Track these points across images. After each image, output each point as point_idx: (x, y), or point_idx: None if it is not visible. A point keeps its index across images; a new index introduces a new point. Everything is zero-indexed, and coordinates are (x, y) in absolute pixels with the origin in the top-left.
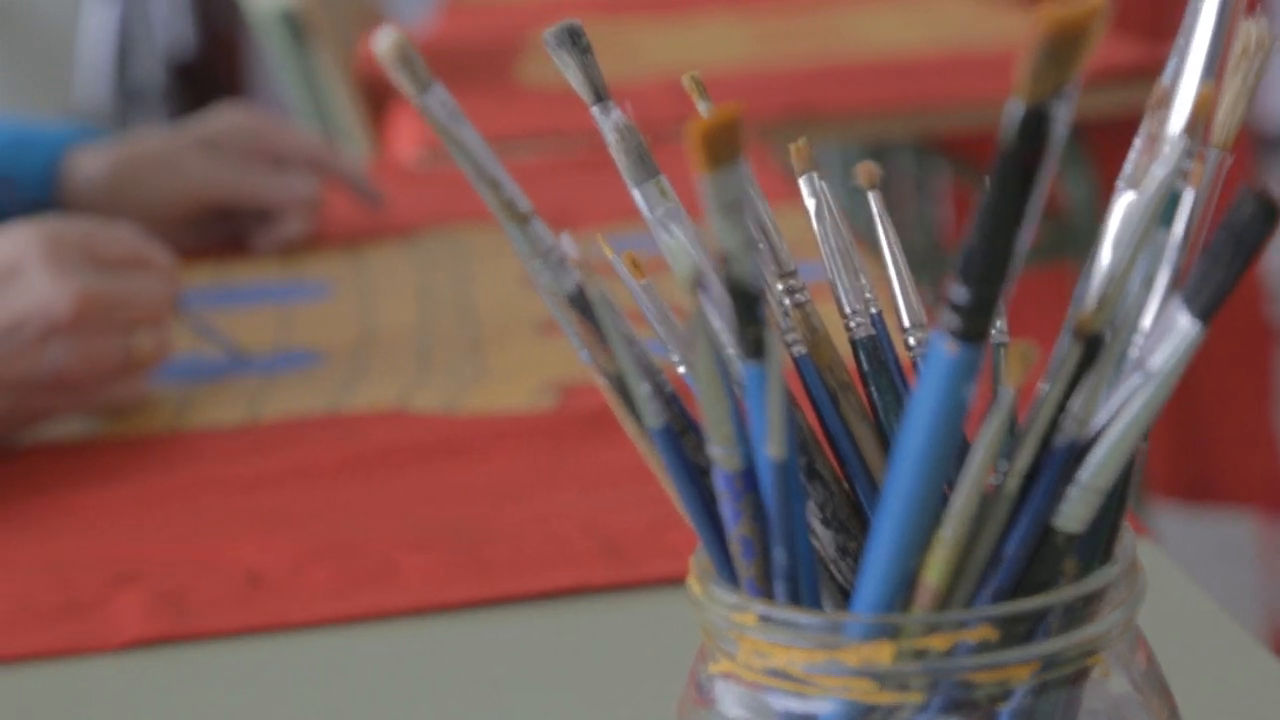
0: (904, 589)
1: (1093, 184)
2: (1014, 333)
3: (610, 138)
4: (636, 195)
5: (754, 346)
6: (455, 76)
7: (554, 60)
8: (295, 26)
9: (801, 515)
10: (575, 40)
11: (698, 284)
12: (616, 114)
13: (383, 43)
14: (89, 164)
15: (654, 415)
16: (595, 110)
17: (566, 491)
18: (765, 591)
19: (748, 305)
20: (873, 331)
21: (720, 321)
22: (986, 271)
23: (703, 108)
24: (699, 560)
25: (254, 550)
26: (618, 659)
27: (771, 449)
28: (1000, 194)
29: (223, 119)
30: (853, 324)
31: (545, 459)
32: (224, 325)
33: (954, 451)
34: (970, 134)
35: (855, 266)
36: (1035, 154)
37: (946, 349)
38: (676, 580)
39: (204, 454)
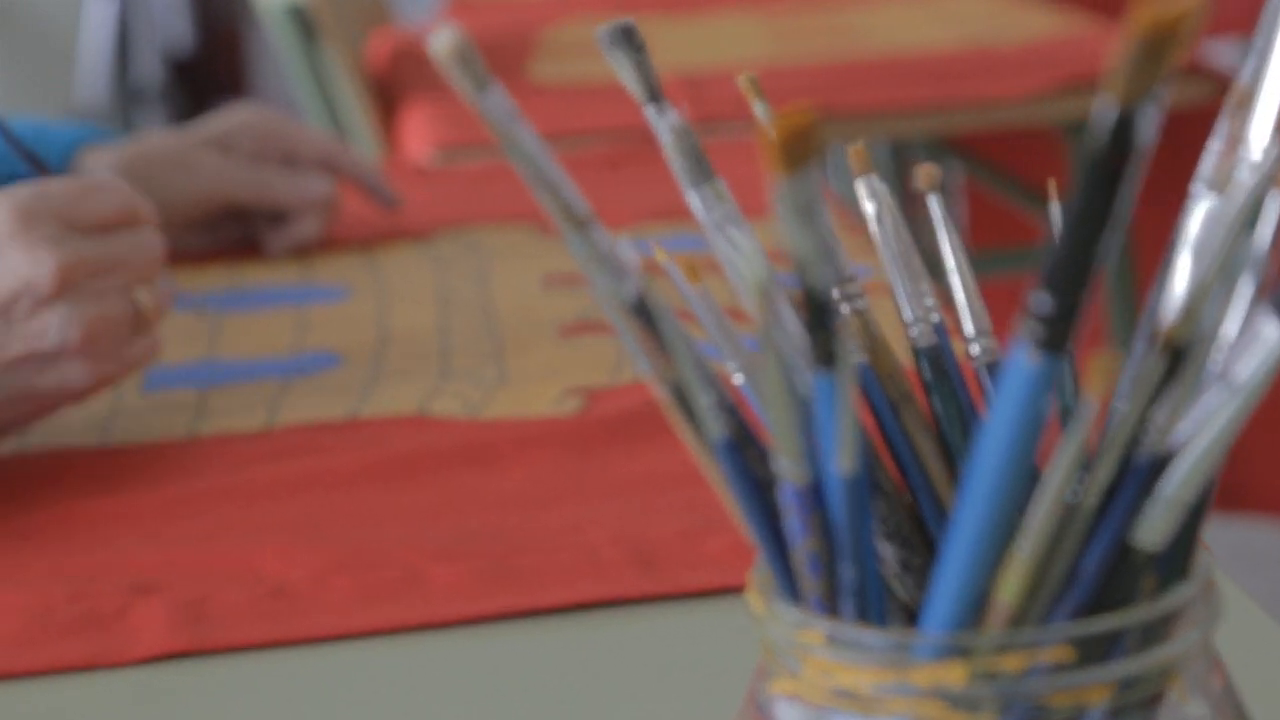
0: (976, 607)
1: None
2: None
3: (665, 139)
4: (693, 198)
5: (826, 356)
6: None
7: (607, 59)
8: (304, 23)
9: (870, 530)
10: (629, 39)
11: (770, 292)
12: (672, 114)
13: (441, 41)
14: (98, 163)
15: (717, 427)
16: (650, 110)
17: (595, 499)
18: (831, 609)
19: (820, 313)
20: (935, 340)
21: (784, 329)
22: (1071, 278)
23: (759, 109)
24: (760, 575)
25: (276, 560)
26: (652, 673)
27: (842, 462)
28: (1088, 198)
29: (234, 118)
30: (914, 332)
31: (572, 466)
32: (240, 328)
33: (1031, 466)
34: (987, 132)
35: (917, 273)
36: (1124, 157)
37: (1027, 359)
38: (711, 592)
39: (222, 460)
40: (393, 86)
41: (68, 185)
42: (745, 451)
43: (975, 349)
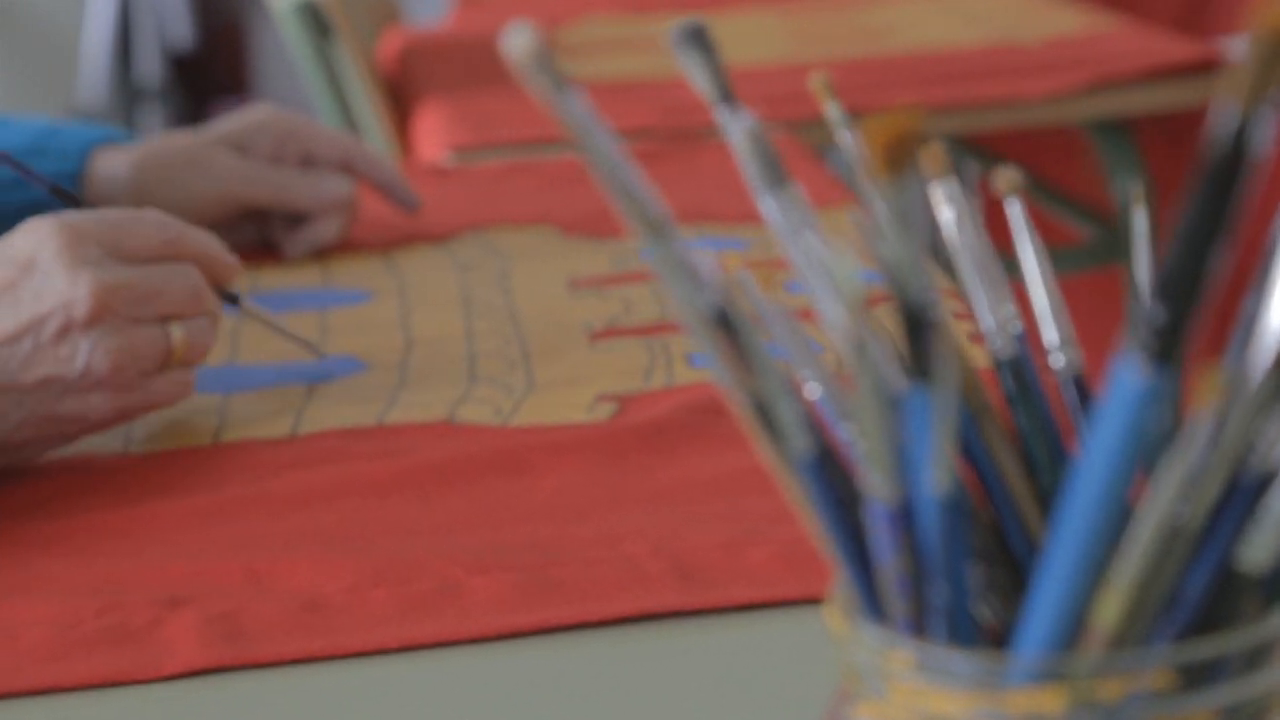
0: (1073, 630)
1: (1144, 186)
2: None
3: (738, 141)
4: (768, 203)
5: (923, 368)
6: (483, 75)
7: (676, 59)
8: (316, 21)
9: (964, 550)
10: (699, 39)
11: (865, 303)
12: (746, 116)
13: (517, 41)
14: (113, 163)
15: (802, 443)
16: (721, 112)
17: (633, 509)
18: (919, 631)
19: (918, 324)
20: (1017, 352)
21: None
22: (1184, 288)
23: (831, 110)
24: (842, 596)
25: (309, 572)
26: (695, 689)
27: (938, 479)
28: (1204, 205)
29: (251, 117)
30: (996, 343)
31: (607, 475)
32: (261, 332)
33: (1135, 483)
34: (1009, 131)
35: (997, 281)
36: (1240, 163)
37: (1137, 372)
38: (754, 605)
39: (249, 468)
40: (405, 86)
41: (117, 213)
42: (829, 468)
43: (1059, 360)
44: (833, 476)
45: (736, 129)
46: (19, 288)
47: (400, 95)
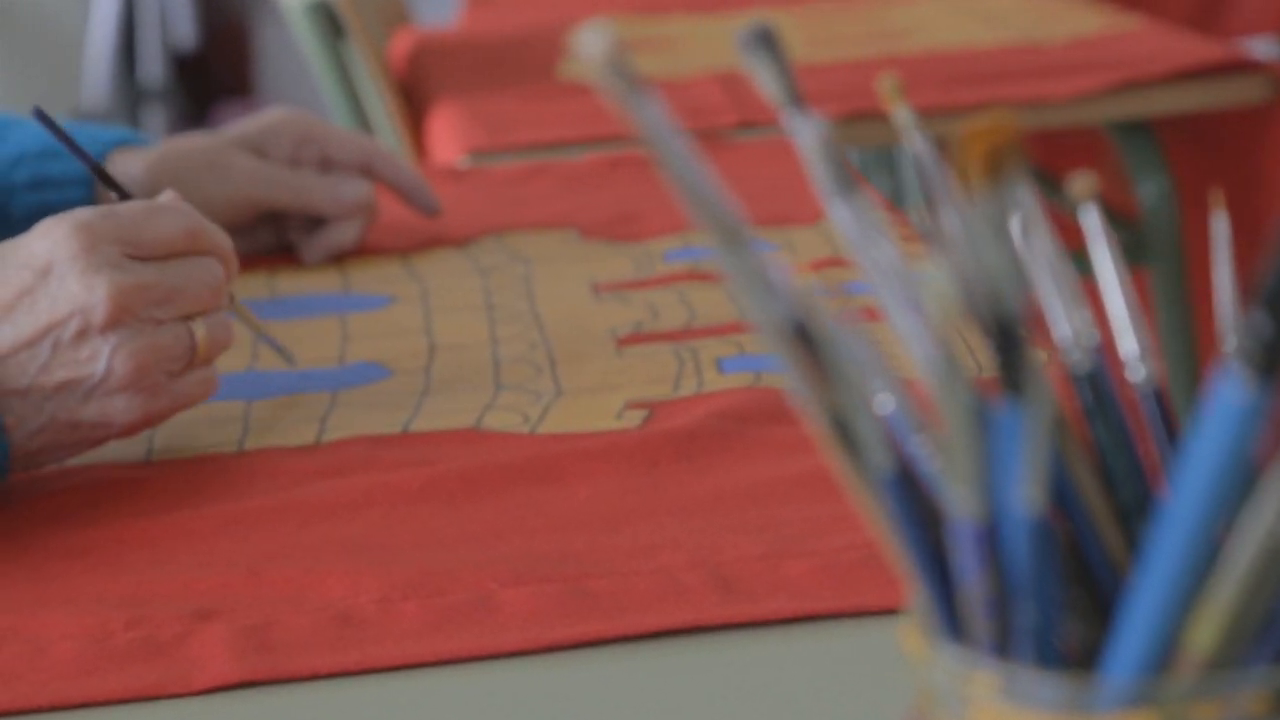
0: (1167, 652)
1: (1167, 188)
2: None
3: (808, 146)
4: (838, 209)
5: (1016, 382)
6: (498, 76)
7: (744, 62)
8: (328, 20)
9: (1053, 570)
10: (767, 41)
11: (959, 314)
12: (816, 120)
13: (591, 43)
14: (129, 165)
15: (884, 460)
16: (790, 116)
17: (666, 519)
18: (1003, 653)
19: (1010, 336)
20: (1095, 364)
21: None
22: None
23: (901, 114)
24: (920, 616)
25: (339, 584)
26: (735, 704)
27: (1029, 497)
28: None
29: (269, 119)
30: (1073, 356)
31: (640, 483)
32: (288, 337)
33: (1235, 500)
34: (1030, 132)
35: (1072, 292)
36: None
37: (1239, 387)
38: (795, 618)
39: (273, 477)
40: (416, 87)
41: (133, 208)
42: (909, 485)
43: (1139, 372)
44: (912, 494)
45: (807, 133)
46: (36, 292)
47: (412, 96)
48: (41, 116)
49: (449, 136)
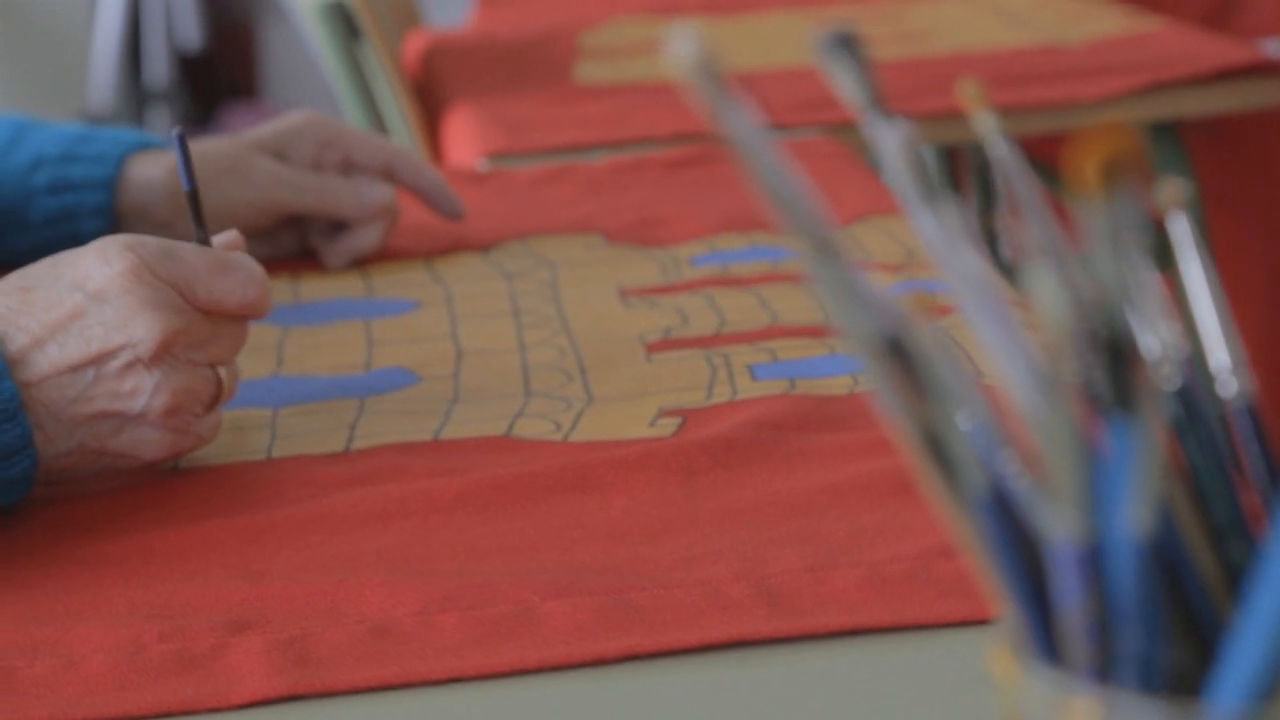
0: (1275, 679)
1: (1193, 189)
2: None
3: (891, 152)
4: (923, 217)
5: (1125, 399)
6: (514, 78)
7: (825, 66)
8: (344, 21)
9: (1160, 594)
10: (848, 45)
11: (1072, 330)
12: (900, 126)
13: (682, 48)
14: (149, 168)
15: (980, 480)
16: (872, 120)
17: (708, 530)
18: (1103, 678)
19: (1122, 350)
20: (1186, 379)
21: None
22: None
23: (985, 120)
24: (1013, 640)
25: (376, 595)
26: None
27: (1138, 518)
28: None
29: (291, 123)
30: (1162, 370)
31: (678, 493)
32: (312, 343)
33: None
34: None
35: (1159, 304)
36: None
37: None
38: (844, 632)
39: (304, 485)
40: (431, 89)
41: (201, 259)
42: (1005, 505)
43: (1231, 387)
44: (1008, 514)
45: (889, 139)
46: (88, 317)
47: (427, 98)
48: (181, 140)
49: (467, 139)
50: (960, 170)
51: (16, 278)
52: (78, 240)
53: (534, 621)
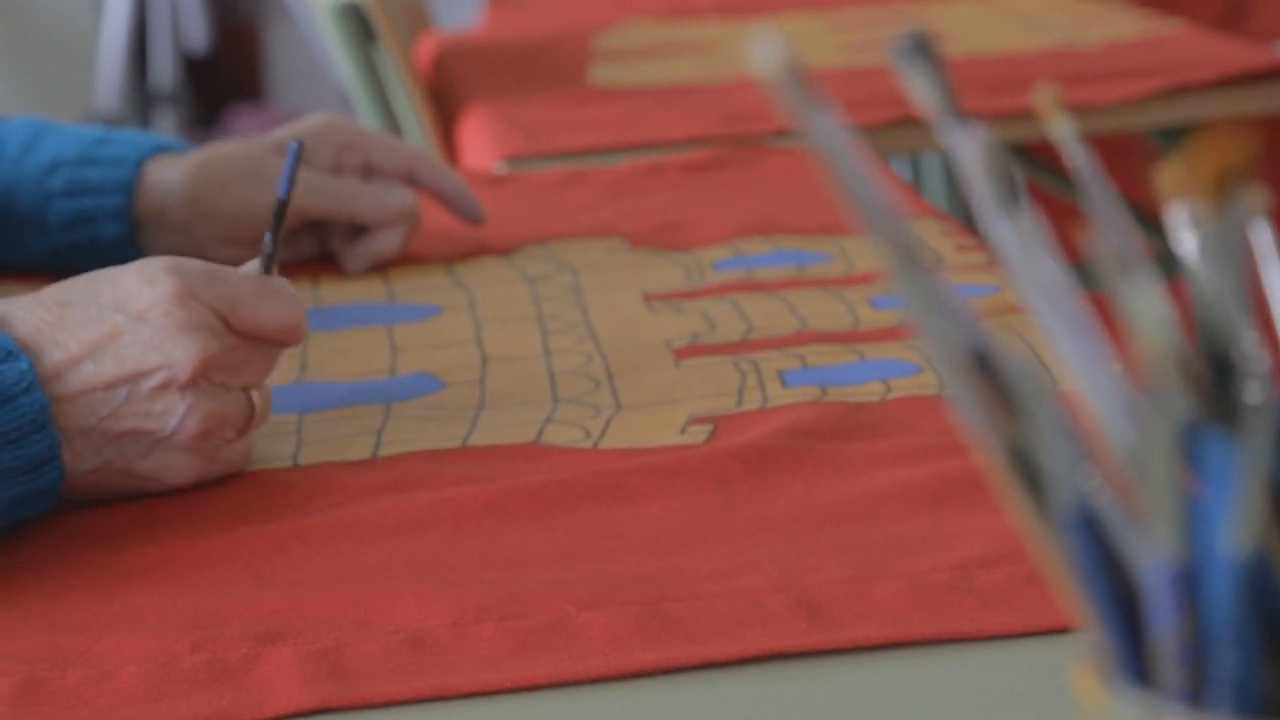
0: None
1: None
2: None
3: (972, 158)
4: (1002, 224)
5: (1229, 414)
6: (528, 81)
7: (900, 70)
8: (359, 23)
9: (1259, 616)
10: (924, 50)
11: (1171, 345)
12: (979, 131)
13: (767, 53)
14: (168, 171)
15: (1070, 500)
16: (949, 125)
17: (743, 540)
18: (1197, 701)
19: (1227, 364)
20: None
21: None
22: None
23: (1063, 127)
24: (1100, 662)
25: (408, 605)
26: None
27: (1239, 538)
28: None
29: (310, 125)
30: (1246, 384)
31: (711, 502)
32: (335, 347)
33: None
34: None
35: (1244, 314)
36: None
37: None
38: (886, 645)
39: (332, 492)
40: (444, 91)
41: (244, 283)
42: (1095, 524)
43: None
44: (1097, 533)
45: (969, 144)
46: (125, 337)
47: (440, 100)
48: (296, 152)
49: (482, 142)
50: None
51: (55, 291)
52: (96, 244)
53: (570, 632)
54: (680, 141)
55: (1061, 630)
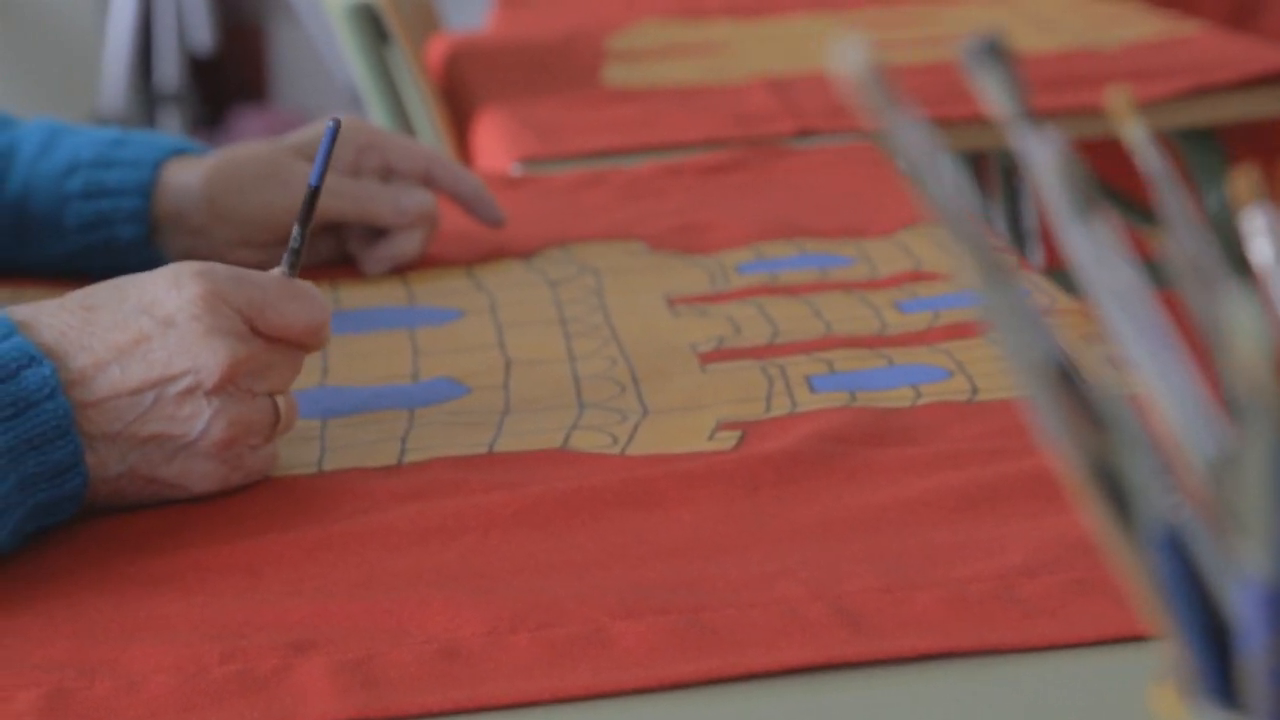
0: None
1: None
2: None
3: (1045, 165)
4: (1076, 232)
5: None
6: (541, 82)
7: (971, 74)
8: (372, 24)
9: None
10: (996, 53)
11: (1266, 354)
12: (1055, 137)
13: (849, 56)
14: (185, 174)
15: (1157, 517)
16: (1021, 130)
17: (777, 547)
18: None
19: None
20: None
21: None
22: None
23: (1135, 131)
24: (1184, 680)
25: (440, 614)
26: None
27: None
28: None
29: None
30: None
31: (743, 509)
32: (356, 351)
33: None
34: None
35: None
36: None
37: None
38: (925, 656)
39: (358, 499)
40: (456, 92)
41: (271, 284)
42: (1181, 542)
43: None
44: (1183, 550)
45: (1043, 151)
46: (153, 342)
47: (452, 102)
48: (335, 128)
49: (497, 143)
50: (986, 176)
51: (80, 295)
52: (113, 246)
53: (606, 642)
54: (696, 143)
55: (1107, 641)
